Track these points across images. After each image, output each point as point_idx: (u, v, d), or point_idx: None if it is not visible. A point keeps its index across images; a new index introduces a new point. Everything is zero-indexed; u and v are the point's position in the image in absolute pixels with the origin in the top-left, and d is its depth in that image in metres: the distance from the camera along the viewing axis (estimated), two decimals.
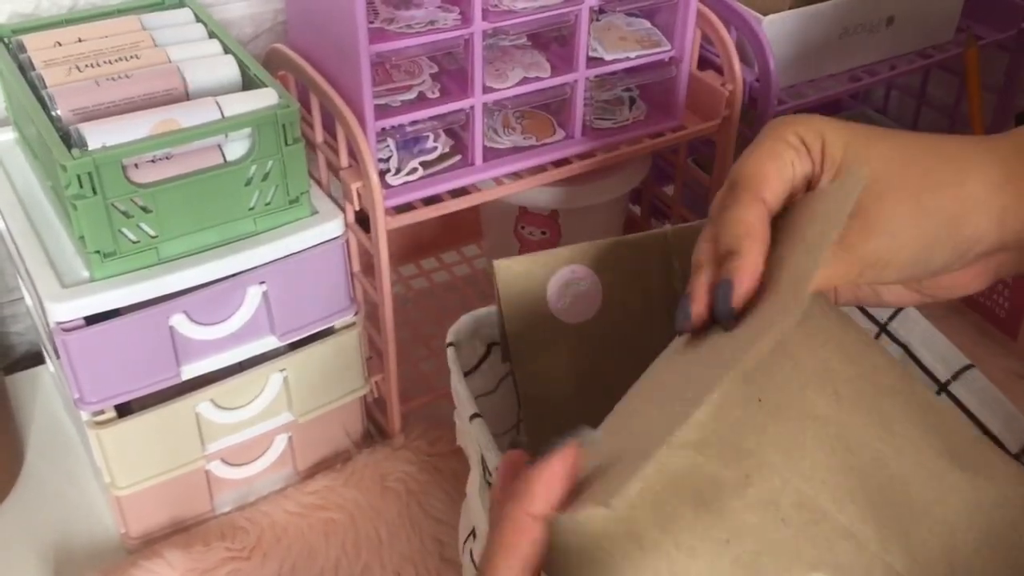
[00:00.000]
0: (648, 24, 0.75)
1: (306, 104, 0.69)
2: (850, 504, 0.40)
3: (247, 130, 0.61)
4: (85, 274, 0.61)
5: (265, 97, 0.62)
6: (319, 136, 0.70)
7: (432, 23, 0.64)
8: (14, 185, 0.69)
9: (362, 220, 0.68)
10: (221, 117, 0.61)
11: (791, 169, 0.45)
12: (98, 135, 0.57)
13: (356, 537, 0.70)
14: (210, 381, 0.66)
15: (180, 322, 0.62)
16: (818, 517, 0.39)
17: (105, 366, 0.61)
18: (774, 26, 0.78)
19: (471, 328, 0.58)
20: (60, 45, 0.66)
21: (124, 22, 0.70)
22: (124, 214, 0.59)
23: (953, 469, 0.43)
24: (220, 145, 0.61)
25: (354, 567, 0.68)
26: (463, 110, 0.67)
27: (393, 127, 0.66)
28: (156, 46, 0.67)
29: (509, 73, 0.69)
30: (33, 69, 0.64)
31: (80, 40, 0.67)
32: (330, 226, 0.66)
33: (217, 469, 0.70)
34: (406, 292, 0.93)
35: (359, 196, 0.65)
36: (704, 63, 0.78)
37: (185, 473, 0.68)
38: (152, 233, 0.60)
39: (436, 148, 0.69)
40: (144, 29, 0.69)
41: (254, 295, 0.65)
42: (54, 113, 0.60)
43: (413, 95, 0.67)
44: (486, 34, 0.65)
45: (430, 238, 0.96)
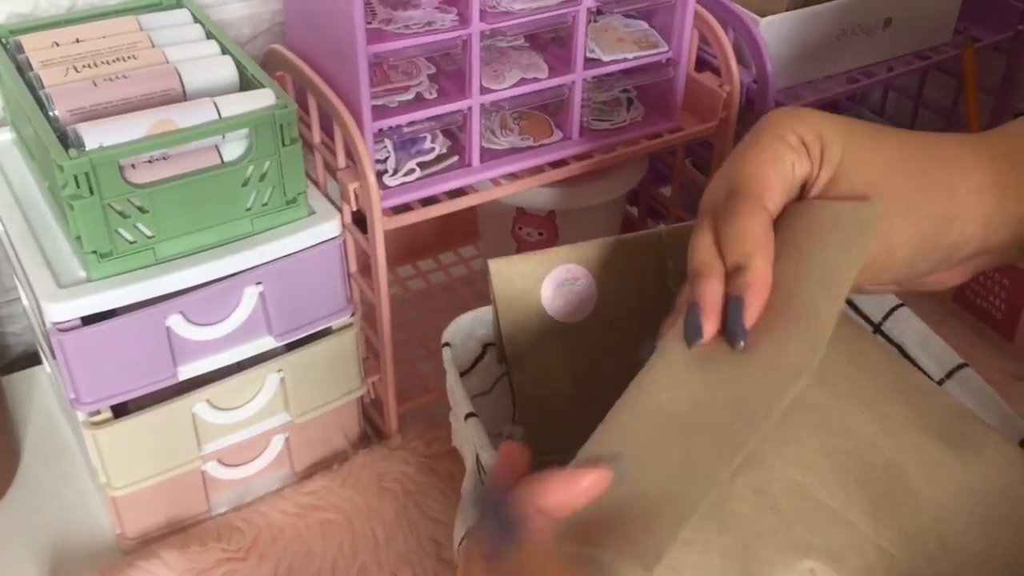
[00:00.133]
0: (646, 25, 0.75)
1: (304, 105, 0.69)
2: (841, 488, 0.40)
3: (244, 131, 0.61)
4: (82, 274, 0.60)
5: (262, 98, 0.62)
6: (316, 137, 0.70)
7: (430, 24, 0.64)
8: (11, 185, 0.69)
9: (359, 221, 0.68)
10: (218, 117, 0.61)
11: (791, 173, 0.44)
12: (95, 135, 0.57)
13: (353, 538, 0.70)
14: (207, 381, 0.66)
15: (177, 322, 0.62)
16: (809, 503, 0.39)
17: (101, 366, 0.61)
18: (771, 27, 0.78)
19: (467, 328, 0.58)
20: (58, 45, 0.66)
21: (122, 23, 0.70)
22: (121, 214, 0.59)
23: (942, 448, 0.43)
24: (217, 146, 0.61)
25: (351, 568, 0.68)
26: (461, 111, 0.67)
27: (391, 128, 0.66)
28: (154, 47, 0.67)
29: (507, 74, 0.69)
30: (31, 69, 0.64)
31: (78, 40, 0.67)
32: (327, 227, 0.66)
33: (213, 470, 0.70)
34: (403, 293, 0.93)
35: (356, 197, 0.65)
36: (701, 64, 0.78)
37: (181, 473, 0.68)
38: (149, 233, 0.60)
39: (433, 149, 0.69)
40: (142, 30, 0.69)
41: (251, 296, 0.65)
42: (51, 113, 0.60)
43: (411, 96, 0.67)
44: (484, 35, 0.65)
45: (427, 239, 0.96)
